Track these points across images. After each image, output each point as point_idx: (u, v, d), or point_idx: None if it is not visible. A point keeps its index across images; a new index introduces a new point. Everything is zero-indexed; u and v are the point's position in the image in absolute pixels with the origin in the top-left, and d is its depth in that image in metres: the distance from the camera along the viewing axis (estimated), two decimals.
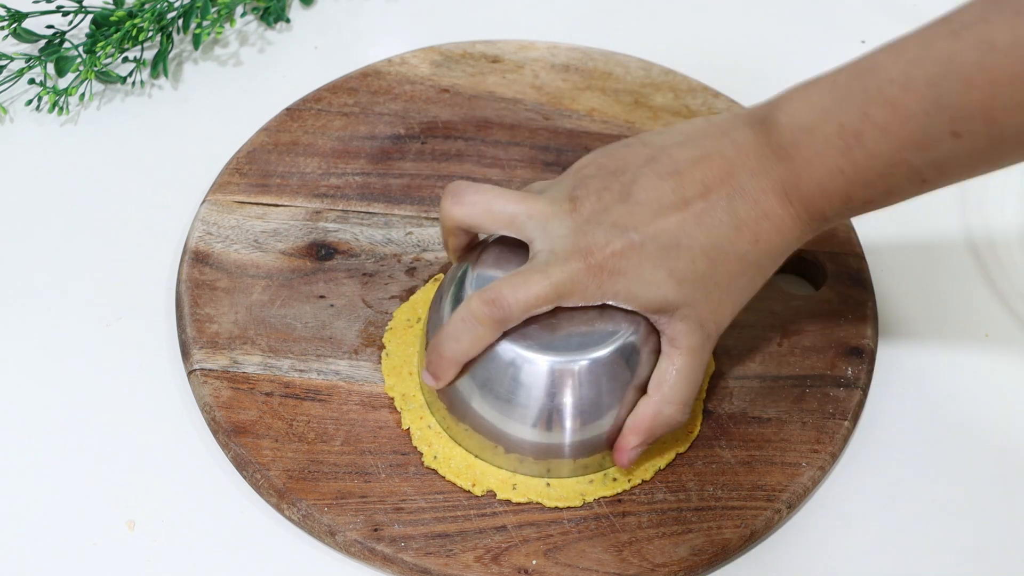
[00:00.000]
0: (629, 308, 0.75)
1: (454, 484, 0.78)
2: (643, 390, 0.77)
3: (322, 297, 0.86)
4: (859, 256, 0.89)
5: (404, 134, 0.94)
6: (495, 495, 0.78)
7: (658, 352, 0.77)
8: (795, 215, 0.75)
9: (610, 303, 0.75)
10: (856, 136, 0.72)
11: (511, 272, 0.75)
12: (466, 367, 0.77)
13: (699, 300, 0.75)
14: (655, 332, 0.77)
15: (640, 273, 0.74)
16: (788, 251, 0.76)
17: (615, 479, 0.79)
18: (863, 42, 1.02)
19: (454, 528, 0.77)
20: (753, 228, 0.75)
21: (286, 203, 0.90)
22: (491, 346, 0.76)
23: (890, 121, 0.71)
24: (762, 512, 0.78)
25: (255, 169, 0.91)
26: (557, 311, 0.76)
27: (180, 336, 0.84)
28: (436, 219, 0.89)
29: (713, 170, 0.75)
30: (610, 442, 0.78)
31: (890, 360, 0.86)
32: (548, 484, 0.78)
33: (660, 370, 0.77)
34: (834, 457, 0.81)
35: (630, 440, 0.77)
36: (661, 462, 0.80)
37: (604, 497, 0.78)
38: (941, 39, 0.70)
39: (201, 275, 0.86)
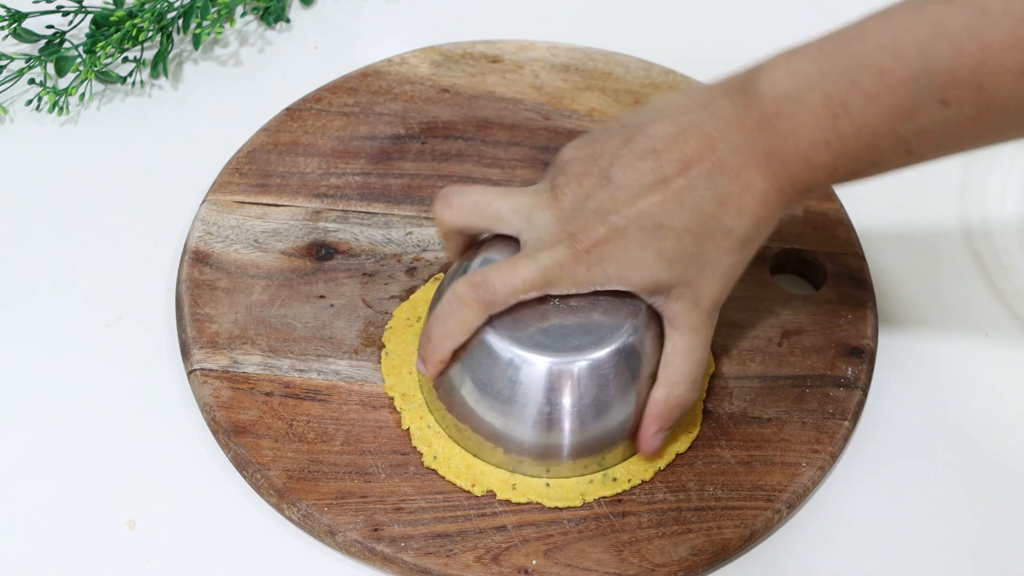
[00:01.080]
0: (624, 289, 0.75)
1: (454, 484, 0.78)
2: (654, 379, 0.77)
3: (322, 297, 0.85)
4: (859, 256, 0.89)
5: (404, 134, 0.94)
6: (495, 495, 0.78)
7: (662, 340, 0.77)
8: (779, 187, 0.74)
9: (602, 288, 0.75)
10: (843, 105, 0.71)
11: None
12: (464, 365, 0.77)
13: (692, 278, 0.75)
14: (656, 321, 0.77)
15: (628, 256, 0.74)
16: (774, 221, 0.76)
17: (615, 479, 0.79)
18: None
19: (454, 528, 0.76)
20: (737, 202, 0.74)
21: (286, 203, 0.90)
22: (490, 346, 0.76)
23: (878, 89, 0.70)
24: (762, 512, 0.78)
25: (255, 169, 0.91)
26: (556, 311, 0.76)
27: (180, 336, 0.84)
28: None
29: (692, 145, 0.74)
30: (610, 442, 0.78)
31: (890, 360, 0.86)
32: (548, 484, 0.78)
33: (665, 353, 0.77)
34: (834, 457, 0.81)
35: (650, 427, 0.77)
36: (661, 462, 0.80)
37: (604, 497, 0.78)
38: (932, 4, 0.69)
39: (201, 275, 0.86)
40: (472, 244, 0.80)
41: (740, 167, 0.73)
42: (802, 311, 0.86)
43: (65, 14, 0.96)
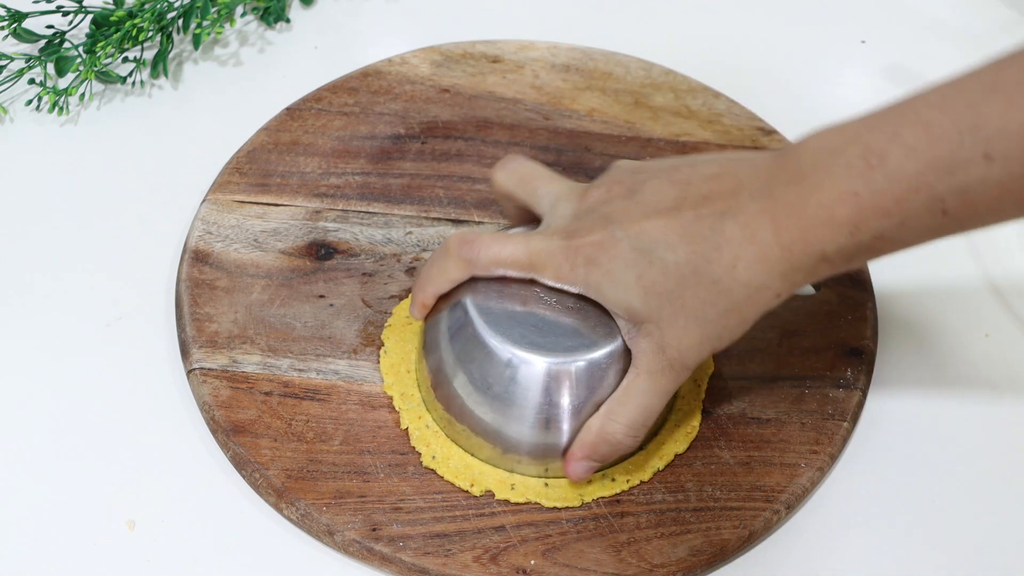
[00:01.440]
0: (600, 302, 0.75)
1: (453, 484, 0.78)
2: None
3: (322, 297, 0.85)
4: None
5: (404, 134, 0.94)
6: (493, 495, 0.78)
7: None
8: (785, 245, 0.70)
9: (582, 292, 0.75)
10: (880, 156, 0.67)
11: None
12: (462, 365, 0.77)
13: (664, 320, 0.73)
14: None
15: (611, 269, 0.73)
16: (771, 293, 0.71)
17: (613, 479, 0.79)
18: (863, 42, 1.02)
19: (452, 528, 0.76)
20: (734, 251, 0.71)
21: (286, 203, 0.89)
22: (488, 346, 0.76)
23: (920, 141, 0.66)
24: (761, 513, 0.78)
25: (255, 169, 0.91)
26: (553, 311, 0.76)
27: (179, 335, 0.83)
28: (436, 219, 0.89)
29: (721, 186, 0.72)
30: None
31: (889, 361, 0.85)
32: (546, 484, 0.78)
33: (620, 386, 0.76)
34: (833, 458, 0.81)
35: (575, 453, 0.76)
36: (660, 463, 0.79)
37: (602, 497, 0.78)
38: (986, 70, 0.66)
39: (201, 274, 0.85)
40: (529, 218, 0.80)
41: (753, 215, 0.70)
42: (801, 312, 0.86)
43: (65, 14, 0.96)
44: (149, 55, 0.98)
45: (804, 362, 0.84)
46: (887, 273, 0.89)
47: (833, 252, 0.69)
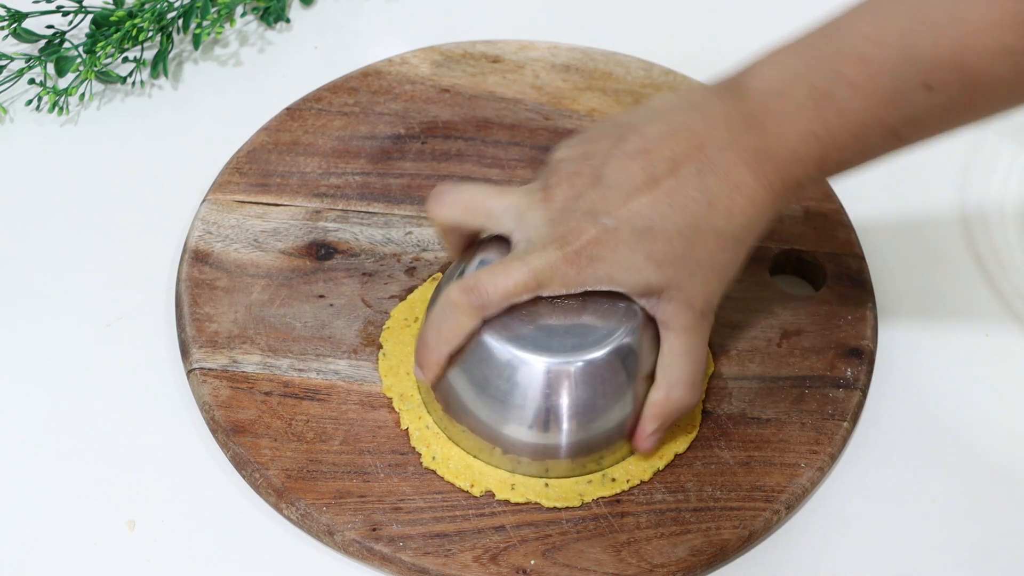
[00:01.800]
0: (615, 290, 0.75)
1: (453, 484, 0.78)
2: (652, 379, 0.77)
3: (322, 297, 0.85)
4: (859, 257, 0.88)
5: (404, 134, 0.93)
6: (494, 495, 0.77)
7: (659, 340, 0.76)
8: (768, 185, 0.73)
9: (593, 288, 0.74)
10: (827, 96, 0.70)
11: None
12: (461, 366, 0.76)
13: (683, 280, 0.74)
14: (653, 321, 0.76)
15: (618, 258, 0.73)
16: (765, 221, 0.75)
17: (614, 479, 0.78)
18: None
19: (452, 528, 0.76)
20: (726, 202, 0.73)
21: (286, 203, 0.89)
22: (487, 347, 0.75)
23: (862, 78, 0.70)
24: (761, 513, 0.77)
25: (255, 168, 0.91)
26: (553, 312, 0.75)
27: (179, 335, 0.83)
28: None
29: (682, 144, 0.73)
30: (608, 442, 0.78)
31: (889, 361, 0.85)
32: (546, 484, 0.78)
33: (661, 355, 0.76)
34: (833, 458, 0.80)
35: (646, 427, 0.77)
36: (660, 463, 0.79)
37: (603, 497, 0.78)
38: None
39: (201, 274, 0.85)
40: (472, 242, 0.79)
41: (729, 166, 0.73)
42: (801, 312, 0.86)
43: (65, 14, 0.96)
44: (149, 55, 0.97)
45: (804, 362, 0.83)
46: (887, 274, 0.89)
47: (808, 179, 0.73)
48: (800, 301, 0.86)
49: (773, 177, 0.73)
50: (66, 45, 0.95)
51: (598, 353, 0.75)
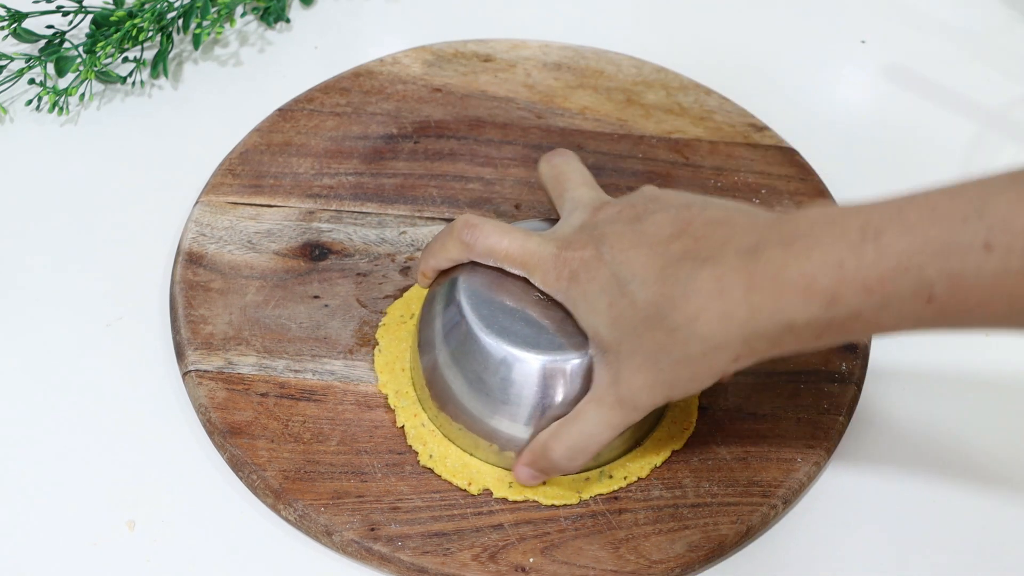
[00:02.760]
0: (575, 319, 0.72)
1: (450, 483, 0.75)
2: None
3: (316, 297, 0.83)
4: None
5: (397, 134, 0.91)
6: (491, 493, 0.75)
7: None
8: (752, 307, 0.64)
9: (561, 302, 0.72)
10: (876, 231, 0.61)
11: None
12: (456, 364, 0.74)
13: (623, 354, 0.69)
14: None
15: (588, 290, 0.70)
16: (723, 351, 0.66)
17: (611, 476, 0.76)
18: (863, 42, 1.00)
19: (451, 527, 0.74)
20: (700, 302, 0.65)
21: (279, 204, 0.87)
22: (482, 345, 0.73)
23: (921, 219, 0.61)
24: (758, 508, 0.75)
25: (248, 170, 0.88)
26: (547, 310, 0.73)
27: (175, 338, 0.81)
28: (430, 219, 0.87)
29: (715, 233, 0.67)
30: None
31: (884, 355, 0.82)
32: (543, 481, 0.75)
33: (575, 408, 0.72)
34: (829, 452, 0.78)
35: (522, 458, 0.74)
36: (657, 459, 0.77)
37: (600, 494, 0.75)
38: (1008, 173, 0.61)
39: (195, 276, 0.83)
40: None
41: (731, 268, 0.65)
42: None
43: (65, 14, 0.94)
44: (149, 55, 0.95)
45: (799, 357, 0.81)
46: None
47: (802, 323, 0.64)
48: None
49: (766, 298, 0.64)
50: (66, 45, 0.93)
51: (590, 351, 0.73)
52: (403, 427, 0.77)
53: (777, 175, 0.89)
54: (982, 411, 0.81)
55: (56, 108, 0.90)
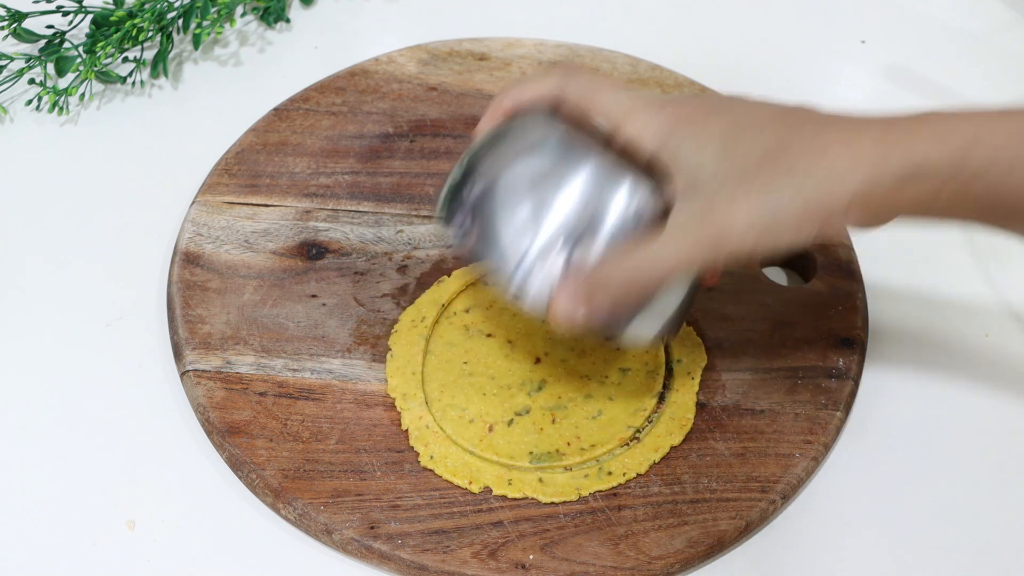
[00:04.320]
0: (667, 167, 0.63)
1: (450, 482, 0.72)
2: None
3: (314, 296, 0.79)
4: (848, 247, 0.82)
5: (393, 132, 0.87)
6: (491, 491, 0.71)
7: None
8: (883, 147, 0.59)
9: (656, 154, 0.63)
10: (1008, 111, 0.59)
11: None
12: (519, 164, 0.66)
13: (726, 186, 0.61)
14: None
15: (698, 132, 0.62)
16: (843, 185, 0.60)
17: (610, 473, 0.72)
18: (863, 42, 0.97)
19: (451, 524, 0.70)
20: (827, 139, 0.61)
21: (276, 203, 0.83)
22: (556, 147, 0.65)
23: None
24: (757, 503, 0.71)
25: (244, 170, 0.85)
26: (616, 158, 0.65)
27: (172, 337, 0.77)
28: (426, 217, 0.83)
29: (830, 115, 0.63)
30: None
31: (881, 350, 0.79)
32: (541, 480, 0.71)
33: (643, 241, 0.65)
34: (827, 448, 0.74)
35: (568, 281, 0.64)
36: (655, 456, 0.73)
37: (599, 491, 0.72)
38: None
39: (192, 276, 0.79)
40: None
41: (860, 126, 0.61)
42: (793, 303, 0.79)
43: (65, 14, 0.90)
44: (149, 55, 0.92)
45: (796, 353, 0.77)
46: (881, 267, 0.82)
47: (930, 168, 0.59)
48: (791, 292, 0.80)
49: (899, 139, 0.60)
50: (66, 45, 0.90)
51: (645, 193, 0.64)
52: (407, 429, 0.73)
53: None
54: (979, 405, 0.77)
55: (56, 108, 0.87)
